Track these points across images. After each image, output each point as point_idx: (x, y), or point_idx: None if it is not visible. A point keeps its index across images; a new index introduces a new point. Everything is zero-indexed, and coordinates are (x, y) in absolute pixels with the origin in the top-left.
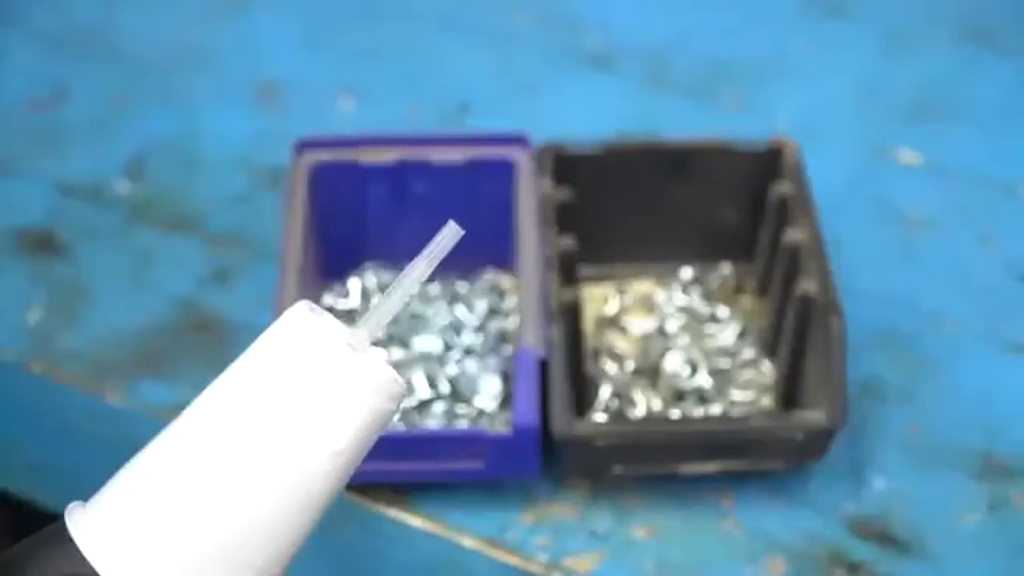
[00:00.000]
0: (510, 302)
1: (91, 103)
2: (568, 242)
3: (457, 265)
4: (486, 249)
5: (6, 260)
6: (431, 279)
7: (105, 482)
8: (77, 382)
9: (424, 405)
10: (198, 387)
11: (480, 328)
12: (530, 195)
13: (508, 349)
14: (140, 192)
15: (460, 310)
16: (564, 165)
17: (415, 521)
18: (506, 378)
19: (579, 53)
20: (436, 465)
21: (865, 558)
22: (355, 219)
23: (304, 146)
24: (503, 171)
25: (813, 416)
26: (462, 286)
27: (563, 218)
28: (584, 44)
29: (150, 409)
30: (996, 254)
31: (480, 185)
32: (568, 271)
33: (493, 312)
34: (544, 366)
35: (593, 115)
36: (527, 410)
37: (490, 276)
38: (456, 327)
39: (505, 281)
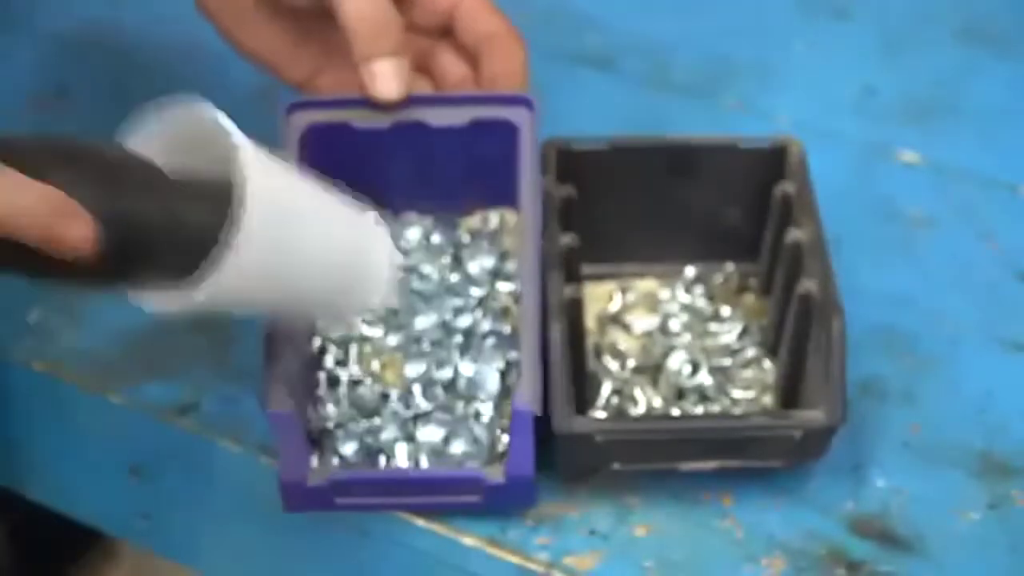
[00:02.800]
0: (511, 265)
1: (92, 102)
2: (571, 239)
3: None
4: (475, 204)
5: None
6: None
7: (105, 482)
8: (79, 381)
9: (420, 416)
10: (200, 387)
11: (480, 305)
12: (532, 169)
13: (508, 328)
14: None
15: (461, 286)
16: (567, 162)
17: (415, 520)
18: (507, 368)
19: (579, 53)
20: (434, 499)
21: (865, 556)
22: (349, 183)
23: (295, 107)
24: (506, 133)
25: (812, 415)
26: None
27: (566, 215)
28: (584, 44)
29: (153, 408)
30: (996, 253)
31: (482, 147)
32: (570, 268)
33: (495, 276)
34: (538, 424)
35: (593, 115)
36: (521, 463)
37: (495, 219)
38: (457, 309)
39: (510, 217)
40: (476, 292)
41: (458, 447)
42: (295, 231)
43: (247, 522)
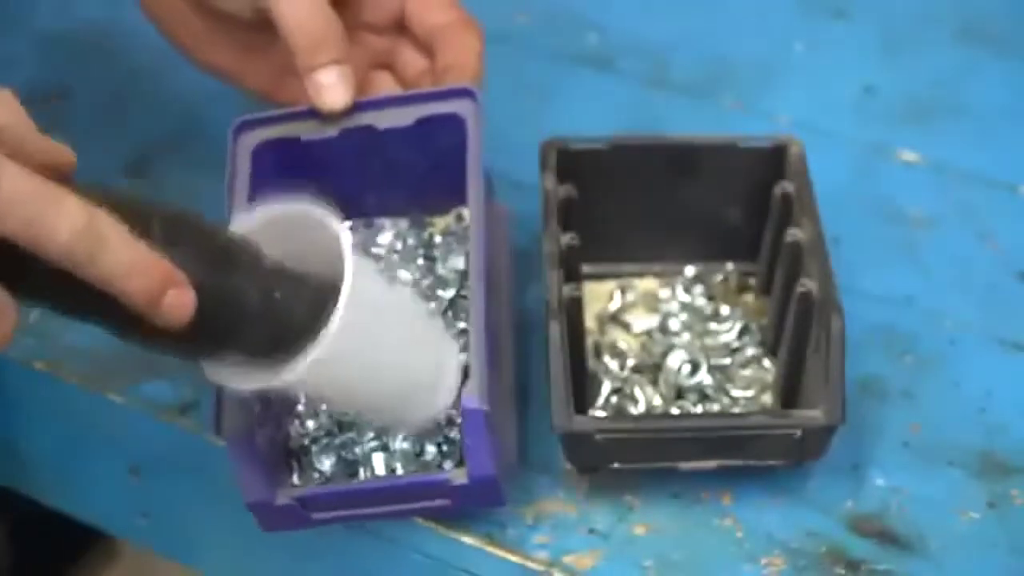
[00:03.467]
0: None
1: (92, 102)
2: (571, 239)
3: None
4: (445, 202)
5: None
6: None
7: (105, 481)
8: (79, 381)
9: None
10: (200, 387)
11: (451, 307)
12: (477, 162)
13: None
14: (141, 191)
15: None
16: (567, 161)
17: (415, 519)
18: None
19: (579, 53)
20: (406, 507)
21: (865, 556)
22: (310, 195)
23: (242, 126)
24: (456, 127)
25: (812, 414)
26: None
27: (566, 215)
28: (584, 44)
29: (153, 408)
30: (996, 253)
31: (434, 144)
32: (570, 268)
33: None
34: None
35: (593, 115)
36: (481, 463)
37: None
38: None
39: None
40: (445, 294)
41: (431, 451)
42: (379, 340)
43: (247, 522)
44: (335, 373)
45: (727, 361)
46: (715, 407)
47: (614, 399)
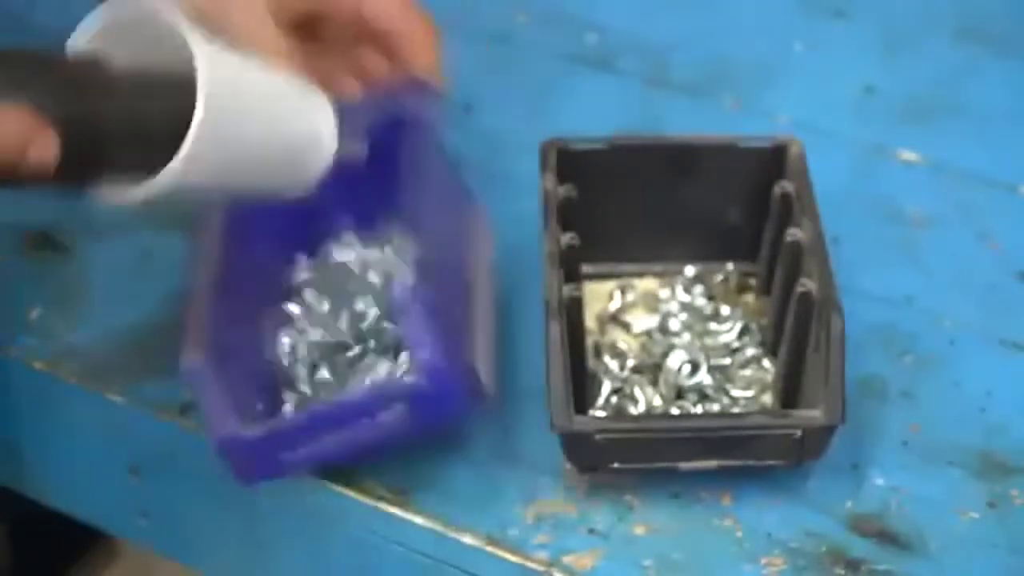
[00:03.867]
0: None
1: None
2: (571, 239)
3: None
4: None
5: (7, 258)
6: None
7: (105, 480)
8: (79, 380)
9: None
10: None
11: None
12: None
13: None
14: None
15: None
16: (567, 161)
17: (415, 519)
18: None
19: (579, 53)
20: (368, 433)
21: (864, 555)
22: (277, 211)
23: None
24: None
25: (812, 414)
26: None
27: (566, 215)
28: (584, 44)
29: (152, 407)
30: (996, 253)
31: (389, 143)
32: (570, 268)
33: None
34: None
35: (593, 115)
36: (426, 356)
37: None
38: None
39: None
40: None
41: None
42: (247, 116)
43: (247, 521)
44: (208, 165)
45: (727, 361)
46: (715, 407)
47: (614, 399)
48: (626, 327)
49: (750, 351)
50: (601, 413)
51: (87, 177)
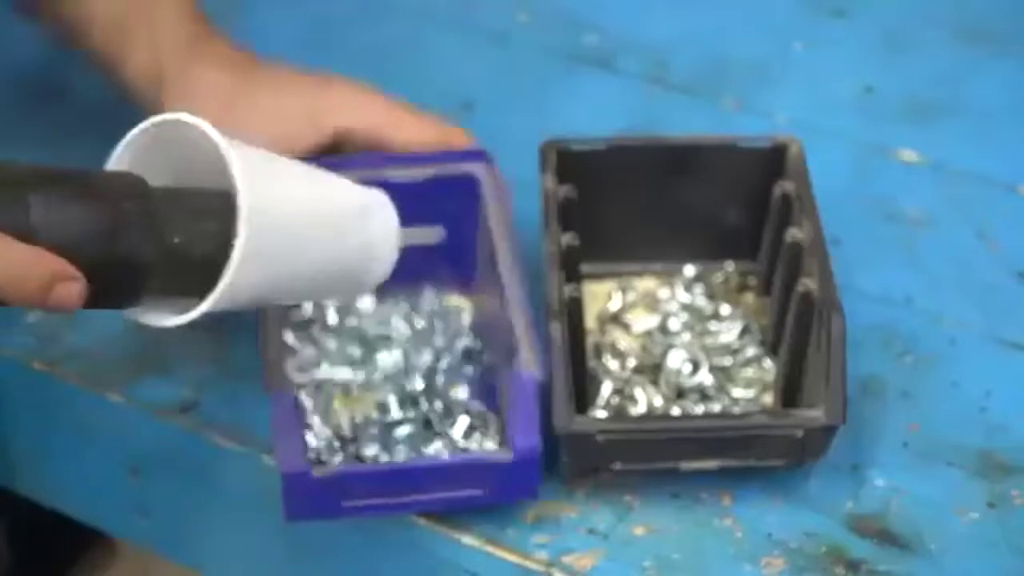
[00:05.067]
0: (466, 319)
1: (92, 99)
2: (571, 239)
3: (411, 284)
4: (445, 266)
5: None
6: (385, 297)
7: (105, 481)
8: (78, 380)
9: (391, 427)
10: (200, 386)
11: (445, 348)
12: (498, 211)
13: (471, 370)
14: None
15: (420, 325)
16: (567, 162)
17: (415, 519)
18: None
19: (579, 53)
20: (435, 495)
21: (864, 556)
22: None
23: None
24: (464, 187)
25: (813, 414)
26: (419, 302)
27: (566, 215)
28: (584, 44)
29: (152, 408)
30: (996, 253)
31: (441, 202)
32: (570, 268)
33: (455, 332)
34: (543, 384)
35: (593, 114)
36: (529, 434)
37: (445, 296)
38: (417, 345)
39: (458, 300)
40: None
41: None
42: (295, 229)
43: (247, 521)
44: (251, 290)
45: (728, 361)
46: (716, 407)
47: (615, 399)
48: (626, 327)
49: (750, 351)
50: (602, 413)
51: (119, 305)
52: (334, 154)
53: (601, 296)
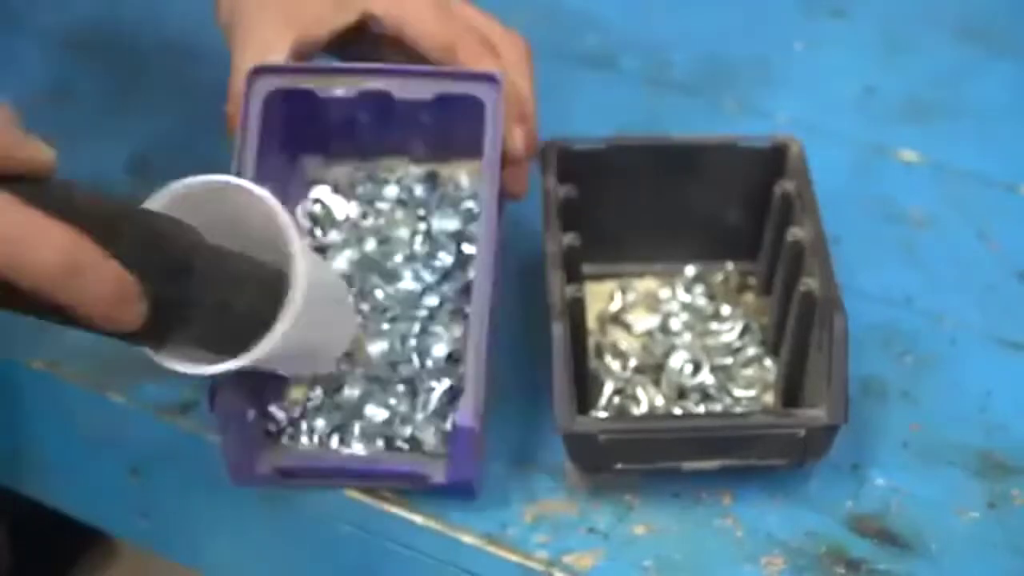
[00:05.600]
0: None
1: (93, 101)
2: (572, 239)
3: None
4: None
5: None
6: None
7: (105, 481)
8: (79, 380)
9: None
10: (200, 386)
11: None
12: (493, 152)
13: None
14: (143, 189)
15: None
16: (568, 161)
17: (415, 518)
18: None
19: (579, 53)
20: (377, 483)
21: (864, 555)
22: (314, 150)
23: (259, 71)
24: (472, 108)
25: (814, 413)
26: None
27: (567, 215)
28: (584, 44)
29: (152, 407)
30: (996, 253)
31: (446, 122)
32: (572, 268)
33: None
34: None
35: (593, 114)
36: (462, 471)
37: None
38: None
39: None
40: (441, 261)
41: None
42: (314, 311)
43: (247, 521)
44: (273, 356)
45: (729, 361)
46: (717, 407)
47: (616, 400)
48: (627, 327)
49: (751, 351)
50: (603, 414)
51: (156, 344)
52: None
53: (602, 296)
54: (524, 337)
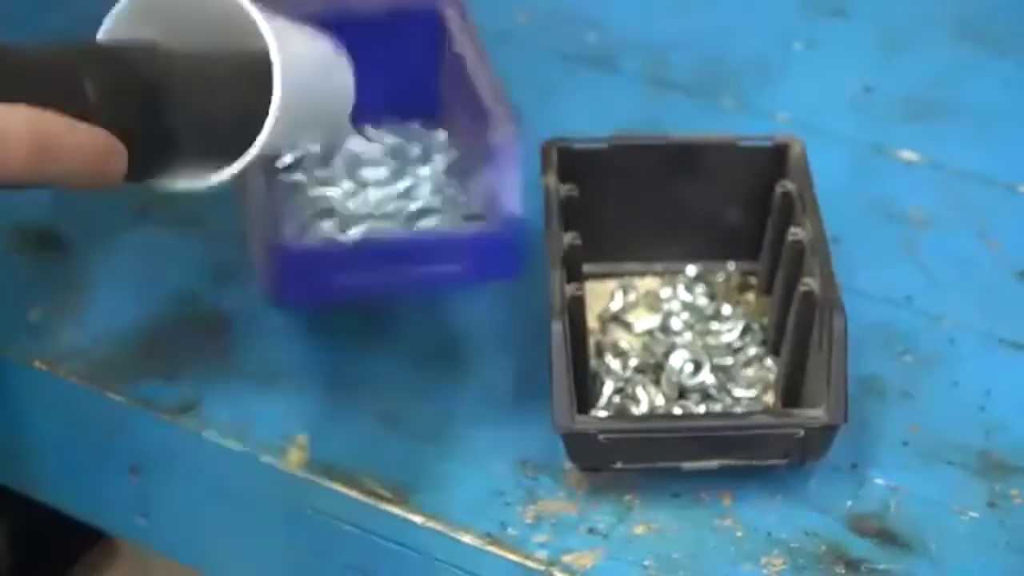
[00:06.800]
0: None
1: None
2: (572, 238)
3: (384, 122)
4: (413, 105)
5: (8, 257)
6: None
7: (105, 480)
8: (79, 379)
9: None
10: (201, 385)
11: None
12: (467, 37)
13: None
14: (143, 189)
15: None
16: (568, 161)
17: (415, 518)
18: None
19: (579, 53)
20: (421, 268)
21: (864, 555)
22: None
23: None
24: (425, 22)
25: (815, 413)
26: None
27: (567, 214)
28: (584, 43)
29: (152, 407)
30: (996, 253)
31: (400, 36)
32: (573, 268)
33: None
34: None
35: (593, 114)
36: (511, 201)
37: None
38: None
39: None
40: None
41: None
42: (304, 82)
43: (247, 521)
44: (276, 140)
45: (729, 361)
46: (718, 407)
47: (616, 399)
48: (628, 327)
49: (752, 350)
50: (603, 413)
51: (148, 177)
52: None
53: (602, 296)
54: (524, 336)
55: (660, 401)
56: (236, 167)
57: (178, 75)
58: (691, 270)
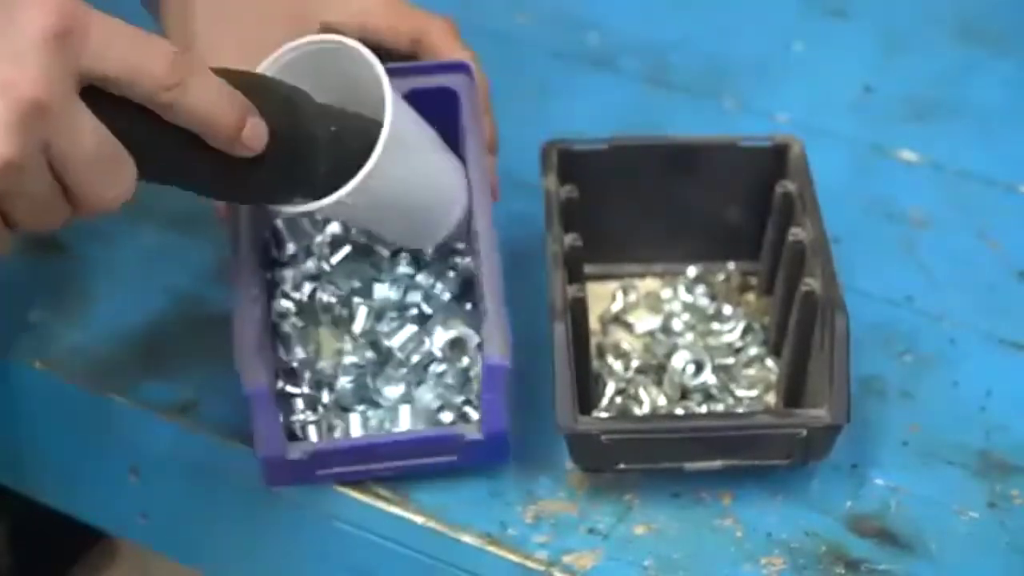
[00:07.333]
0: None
1: None
2: (573, 239)
3: None
4: None
5: (8, 258)
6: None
7: (105, 481)
8: (79, 380)
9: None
10: (201, 386)
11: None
12: (475, 143)
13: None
14: (143, 189)
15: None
16: (569, 162)
17: (415, 518)
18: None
19: (580, 53)
20: (411, 463)
21: (864, 555)
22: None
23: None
24: (446, 99)
25: (817, 413)
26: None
27: (568, 216)
28: (584, 44)
29: (152, 407)
30: (996, 253)
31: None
32: (574, 269)
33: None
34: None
35: (594, 114)
36: (495, 420)
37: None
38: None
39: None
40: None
41: (448, 414)
42: (412, 164)
43: (246, 521)
44: (377, 192)
45: (731, 361)
46: (719, 407)
47: (618, 400)
48: (629, 328)
49: (753, 351)
50: (605, 414)
51: (283, 186)
52: None
53: (603, 297)
54: (526, 337)
55: (662, 402)
56: (343, 192)
57: (317, 109)
58: (692, 271)
